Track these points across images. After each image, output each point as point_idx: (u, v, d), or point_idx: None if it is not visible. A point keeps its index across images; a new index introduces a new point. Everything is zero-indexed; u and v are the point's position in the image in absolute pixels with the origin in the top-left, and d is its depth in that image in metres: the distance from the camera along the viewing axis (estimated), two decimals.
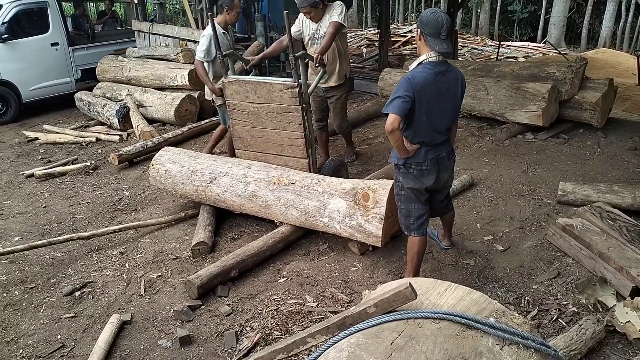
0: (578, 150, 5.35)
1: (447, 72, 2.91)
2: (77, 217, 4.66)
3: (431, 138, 2.97)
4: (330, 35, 4.30)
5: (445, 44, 2.83)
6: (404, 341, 1.66)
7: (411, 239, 3.17)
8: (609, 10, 15.14)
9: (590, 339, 2.61)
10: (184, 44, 7.83)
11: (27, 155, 6.55)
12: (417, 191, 3.07)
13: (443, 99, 2.93)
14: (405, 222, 3.19)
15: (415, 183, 3.04)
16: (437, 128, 2.97)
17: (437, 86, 2.88)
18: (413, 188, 3.06)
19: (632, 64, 9.67)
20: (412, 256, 3.17)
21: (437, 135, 2.98)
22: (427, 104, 2.87)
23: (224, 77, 4.28)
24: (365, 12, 21.04)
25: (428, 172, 3.01)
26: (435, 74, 2.85)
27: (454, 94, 2.97)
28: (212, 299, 3.31)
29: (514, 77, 5.98)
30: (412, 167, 3.02)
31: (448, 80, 2.92)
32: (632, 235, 3.28)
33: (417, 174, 3.02)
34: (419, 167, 3.01)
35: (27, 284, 3.61)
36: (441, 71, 2.88)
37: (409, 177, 3.05)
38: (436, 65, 2.86)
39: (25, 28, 8.16)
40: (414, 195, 3.09)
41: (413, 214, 3.13)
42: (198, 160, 4.29)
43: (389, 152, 5.60)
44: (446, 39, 2.83)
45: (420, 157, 2.99)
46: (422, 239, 3.16)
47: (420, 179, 3.03)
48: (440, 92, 2.90)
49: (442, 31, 2.79)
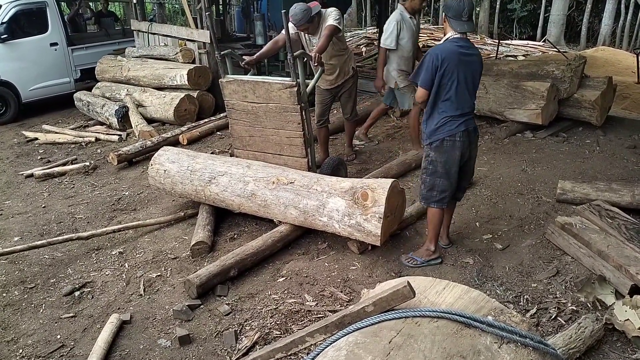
0: (577, 149, 5.35)
1: (470, 48, 3.23)
2: (77, 217, 4.66)
3: (469, 104, 3.25)
4: (325, 37, 4.30)
5: (467, 25, 3.17)
6: (402, 340, 1.66)
7: (431, 210, 3.45)
8: (609, 8, 15.12)
9: (589, 337, 2.62)
10: (183, 43, 7.81)
11: (27, 155, 6.54)
12: (449, 164, 3.28)
13: (469, 70, 3.20)
14: (426, 195, 3.42)
15: (449, 156, 3.26)
16: (464, 98, 3.22)
17: (463, 58, 3.16)
18: (446, 161, 3.27)
19: (631, 62, 9.65)
20: (432, 226, 3.46)
21: (463, 105, 3.22)
22: (454, 72, 3.14)
23: (223, 77, 4.29)
24: (364, 11, 21.02)
25: (461, 143, 3.24)
26: (459, 47, 3.16)
27: (477, 69, 3.27)
28: (212, 299, 3.31)
29: (513, 76, 5.98)
30: (447, 139, 3.23)
31: (472, 55, 3.23)
32: (631, 234, 3.28)
33: (450, 146, 3.24)
34: (452, 139, 3.23)
35: (26, 284, 3.61)
36: (464, 46, 3.19)
37: (442, 150, 3.26)
38: (460, 40, 3.18)
39: (24, 28, 8.15)
40: (443, 170, 3.30)
41: (437, 188, 3.36)
42: (197, 160, 4.29)
43: (388, 151, 5.66)
44: (467, 20, 3.16)
45: (452, 130, 3.22)
46: (441, 210, 3.42)
47: (454, 151, 3.25)
48: (467, 64, 3.18)
49: (464, 13, 3.12)
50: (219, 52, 4.25)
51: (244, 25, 11.26)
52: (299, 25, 4.38)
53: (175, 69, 7.29)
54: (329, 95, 5.01)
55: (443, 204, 3.39)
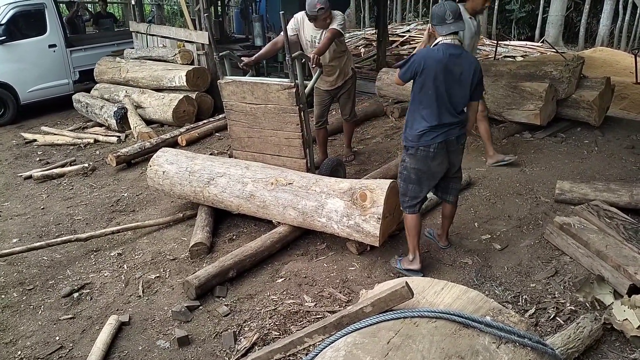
0: (575, 149, 5.36)
1: (460, 56, 3.06)
2: (75, 218, 4.66)
3: (436, 117, 3.09)
4: (327, 39, 4.32)
5: (453, 25, 3.03)
6: (400, 340, 1.66)
7: (405, 215, 3.40)
8: (607, 9, 15.14)
9: (588, 337, 2.62)
10: (182, 44, 7.81)
11: (25, 157, 6.53)
12: (421, 172, 3.21)
13: (455, 80, 3.06)
14: (401, 199, 3.40)
15: (422, 165, 3.20)
16: (446, 108, 3.09)
17: (449, 66, 3.03)
18: (419, 169, 3.21)
19: (629, 63, 9.67)
20: (407, 232, 3.40)
21: (445, 116, 3.10)
22: (435, 80, 3.02)
23: (221, 78, 4.29)
24: (363, 12, 21.05)
25: (435, 154, 3.15)
26: (447, 54, 3.02)
27: (465, 79, 3.08)
28: (211, 300, 3.30)
29: (512, 76, 5.98)
30: (420, 149, 3.16)
31: (461, 64, 3.06)
32: (630, 234, 3.28)
33: (423, 155, 3.17)
34: (426, 150, 3.14)
35: (25, 285, 3.60)
36: (453, 53, 3.04)
37: (415, 158, 3.21)
38: (448, 47, 3.04)
39: (22, 30, 8.13)
40: (415, 177, 3.25)
41: (408, 194, 3.31)
42: (196, 161, 4.29)
43: (386, 152, 5.66)
44: (453, 21, 3.03)
45: (428, 141, 3.12)
46: (413, 217, 3.34)
47: (427, 161, 3.18)
48: (453, 72, 3.04)
49: (447, 16, 3.01)
50: (218, 53, 4.25)
51: (243, 26, 11.27)
52: (320, 14, 4.31)
53: (173, 70, 7.29)
54: (328, 96, 5.02)
55: (414, 210, 3.32)
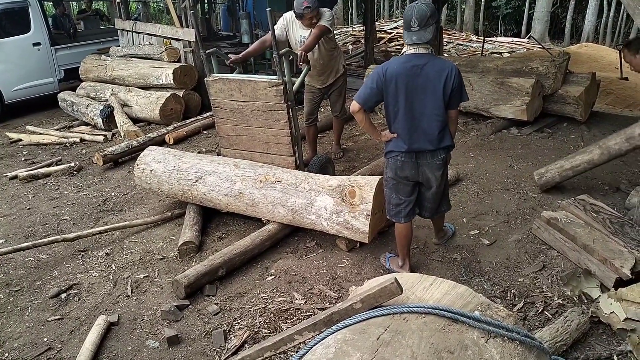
0: (562, 144, 5.40)
1: (425, 66, 2.84)
2: (62, 218, 4.61)
3: (407, 131, 3.00)
4: (314, 36, 4.30)
5: (415, 35, 2.81)
6: (390, 336, 1.67)
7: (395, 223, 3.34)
8: (592, 5, 15.30)
9: (576, 330, 2.65)
10: (168, 42, 7.76)
11: (10, 156, 6.46)
12: (396, 181, 3.17)
13: (420, 92, 2.89)
14: (386, 207, 3.34)
15: (394, 173, 3.15)
16: (415, 122, 2.96)
17: (412, 79, 2.85)
18: (393, 177, 3.17)
19: (614, 58, 9.76)
20: (396, 239, 3.36)
21: (415, 129, 2.98)
22: (396, 96, 2.91)
23: (208, 76, 4.26)
24: (350, 9, 21.06)
25: (403, 164, 3.08)
26: (409, 66, 2.84)
27: (434, 88, 2.87)
28: (200, 299, 3.29)
29: (498, 73, 6.02)
30: (391, 158, 3.13)
31: (426, 74, 2.85)
32: (616, 227, 3.32)
33: (393, 164, 3.13)
34: (395, 158, 3.10)
35: (12, 286, 3.56)
36: (417, 64, 2.84)
37: (389, 166, 3.17)
38: (412, 58, 2.86)
39: (6, 28, 8.03)
40: (392, 185, 3.21)
41: (391, 201, 3.27)
42: (183, 160, 4.27)
43: (375, 149, 5.66)
44: (419, 30, 2.80)
45: (397, 149, 3.07)
46: (402, 225, 3.27)
47: (396, 170, 3.13)
48: (417, 85, 2.87)
49: (412, 23, 2.79)
50: (205, 50, 4.22)
51: (230, 23, 11.23)
52: (306, 13, 4.31)
53: (160, 68, 7.24)
54: (319, 94, 5.02)
55: (399, 218, 3.23)
